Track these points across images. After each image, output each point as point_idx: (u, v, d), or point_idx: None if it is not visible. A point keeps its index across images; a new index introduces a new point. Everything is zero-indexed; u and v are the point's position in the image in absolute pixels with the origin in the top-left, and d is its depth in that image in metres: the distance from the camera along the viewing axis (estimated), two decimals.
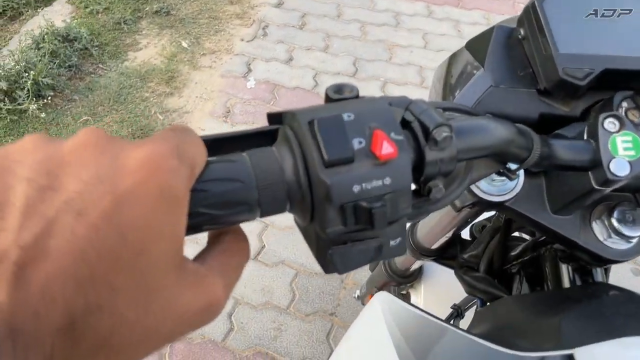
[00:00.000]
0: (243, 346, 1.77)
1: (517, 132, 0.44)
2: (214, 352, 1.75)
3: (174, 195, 0.27)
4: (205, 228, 0.34)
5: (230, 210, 0.33)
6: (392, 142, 0.33)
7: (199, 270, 0.30)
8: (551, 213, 0.55)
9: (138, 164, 0.27)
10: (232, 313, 1.85)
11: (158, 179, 0.27)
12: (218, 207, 0.32)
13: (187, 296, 0.28)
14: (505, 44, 0.57)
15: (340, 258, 0.35)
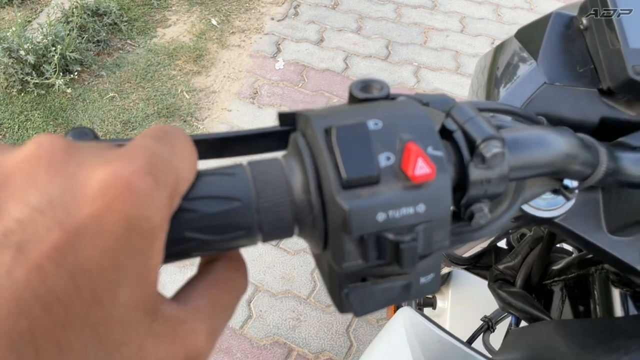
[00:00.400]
0: (261, 334, 1.73)
1: (581, 144, 0.37)
2: (232, 339, 1.72)
3: (145, 228, 0.21)
4: (194, 254, 0.27)
5: (224, 236, 0.27)
6: (429, 160, 0.26)
7: (177, 314, 0.24)
8: (607, 233, 0.48)
9: (100, 188, 0.21)
10: (252, 300, 1.82)
11: (125, 207, 0.21)
12: (209, 231, 0.26)
13: (159, 351, 0.23)
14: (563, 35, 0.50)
15: (358, 298, 0.29)
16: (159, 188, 0.22)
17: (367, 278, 0.29)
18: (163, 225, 0.23)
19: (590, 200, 0.49)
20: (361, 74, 2.65)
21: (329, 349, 1.71)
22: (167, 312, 0.24)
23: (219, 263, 0.29)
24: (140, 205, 0.21)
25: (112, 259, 0.20)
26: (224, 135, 0.34)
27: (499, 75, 0.56)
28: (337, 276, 0.28)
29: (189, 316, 0.25)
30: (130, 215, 0.21)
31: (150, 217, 0.22)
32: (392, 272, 0.29)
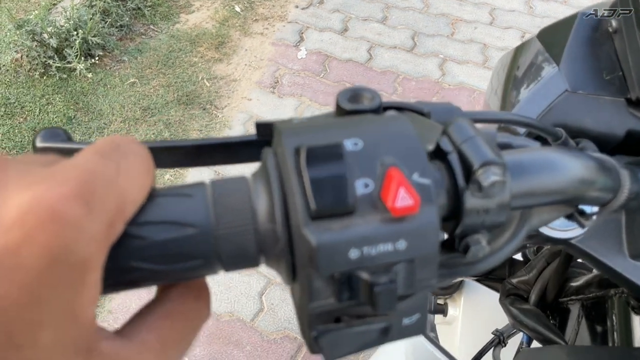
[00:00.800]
0: (272, 328, 1.72)
1: (599, 167, 0.32)
2: (242, 332, 1.70)
3: (74, 261, 0.19)
4: (143, 285, 0.24)
5: (176, 265, 0.23)
6: (413, 189, 0.22)
7: (118, 352, 0.21)
8: (629, 258, 0.43)
9: (18, 216, 0.18)
10: (264, 293, 1.79)
11: (47, 238, 0.18)
12: (160, 260, 0.23)
13: None
14: (590, 38, 0.46)
15: (329, 342, 0.25)
16: (93, 215, 0.19)
17: (341, 318, 0.25)
18: (97, 257, 0.20)
19: (612, 222, 0.44)
20: (385, 65, 2.60)
21: None
22: (106, 350, 0.21)
23: (175, 290, 0.25)
24: (67, 236, 0.18)
25: (31, 296, 0.18)
26: (200, 143, 0.32)
27: (518, 78, 0.52)
28: (307, 316, 0.25)
29: (134, 353, 0.22)
30: (54, 248, 0.18)
31: (80, 249, 0.19)
32: (369, 313, 0.25)
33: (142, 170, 0.23)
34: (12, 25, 2.37)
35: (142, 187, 0.23)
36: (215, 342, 1.67)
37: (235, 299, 1.77)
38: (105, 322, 1.71)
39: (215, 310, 1.74)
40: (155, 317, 0.24)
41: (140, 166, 0.23)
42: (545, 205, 0.31)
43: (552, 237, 0.43)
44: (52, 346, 0.19)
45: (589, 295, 0.60)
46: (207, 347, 1.66)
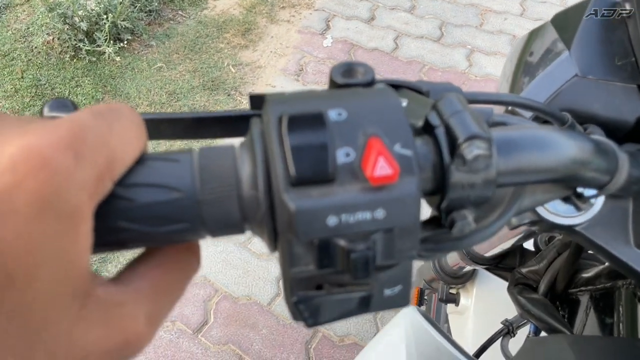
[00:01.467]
0: (288, 313, 1.73)
1: (594, 149, 0.32)
2: (258, 315, 1.72)
3: (65, 209, 0.20)
4: (131, 246, 0.25)
5: (162, 228, 0.24)
6: (393, 159, 0.22)
7: (113, 297, 0.23)
8: (635, 247, 0.42)
9: (10, 163, 0.19)
10: (280, 278, 1.81)
11: (37, 184, 0.19)
12: (147, 222, 0.24)
13: (92, 334, 0.21)
14: (602, 23, 0.45)
15: (309, 308, 0.26)
16: (82, 166, 0.20)
17: (322, 285, 0.26)
18: (86, 207, 0.21)
19: (619, 209, 0.43)
20: (411, 55, 2.57)
21: (355, 333, 1.69)
22: (102, 295, 0.22)
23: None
24: (57, 183, 0.19)
25: (26, 240, 0.19)
26: (197, 116, 0.32)
27: (529, 62, 0.51)
28: (288, 281, 0.25)
29: (128, 299, 0.23)
30: (44, 194, 0.19)
31: (70, 197, 0.20)
32: (349, 282, 0.25)
33: (133, 133, 0.24)
34: (44, 8, 2.42)
35: (132, 149, 0.24)
36: (232, 324, 1.70)
37: (253, 283, 1.80)
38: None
39: (233, 293, 1.77)
40: (148, 266, 0.25)
41: (132, 129, 0.24)
42: (536, 183, 0.31)
43: (556, 223, 0.43)
44: (50, 289, 0.20)
45: (598, 287, 0.59)
46: (224, 328, 1.68)
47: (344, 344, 1.66)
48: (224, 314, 1.72)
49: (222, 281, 1.79)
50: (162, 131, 0.33)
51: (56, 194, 0.19)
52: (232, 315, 1.72)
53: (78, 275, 0.21)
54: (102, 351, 0.22)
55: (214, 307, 1.74)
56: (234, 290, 1.78)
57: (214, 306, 1.74)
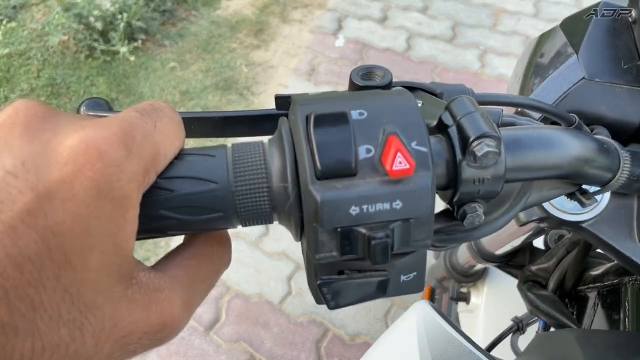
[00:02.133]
0: (298, 312, 1.74)
1: (597, 148, 0.34)
2: (269, 313, 1.73)
3: (116, 196, 0.22)
4: (170, 233, 0.28)
5: (199, 217, 0.27)
6: (410, 155, 0.25)
7: (153, 282, 0.25)
8: (639, 243, 0.44)
9: (70, 154, 0.22)
10: (292, 277, 1.82)
11: (94, 173, 0.22)
12: (185, 211, 0.27)
13: (133, 315, 0.24)
14: (610, 28, 0.47)
15: (332, 291, 0.28)
16: (132, 158, 0.23)
17: (343, 271, 0.28)
18: (134, 195, 0.23)
19: (624, 207, 0.45)
20: (423, 55, 2.57)
21: (365, 332, 1.69)
22: (144, 280, 0.24)
23: (201, 236, 0.29)
24: (110, 173, 0.22)
25: (83, 224, 0.21)
26: (226, 115, 0.35)
27: (538, 65, 0.53)
28: (313, 267, 0.28)
29: (166, 285, 0.26)
30: (100, 182, 0.22)
31: (121, 186, 0.22)
32: (369, 268, 0.28)
33: (174, 131, 0.27)
34: (60, 8, 2.45)
35: (173, 145, 0.27)
36: (244, 322, 1.71)
37: (265, 281, 1.81)
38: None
39: (245, 292, 1.78)
40: (184, 257, 0.28)
41: (173, 127, 0.27)
42: (543, 179, 0.33)
43: (563, 220, 0.45)
44: (100, 269, 0.22)
45: (605, 284, 0.60)
46: (236, 326, 1.69)
47: (355, 343, 1.66)
48: (236, 312, 1.73)
49: (233, 279, 1.81)
50: (193, 129, 0.36)
51: (109, 182, 0.22)
52: (243, 313, 1.73)
53: (124, 259, 0.23)
54: (141, 332, 0.24)
55: (226, 305, 1.75)
56: (245, 288, 1.79)
57: (225, 304, 1.75)
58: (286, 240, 1.88)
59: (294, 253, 1.87)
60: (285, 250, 1.87)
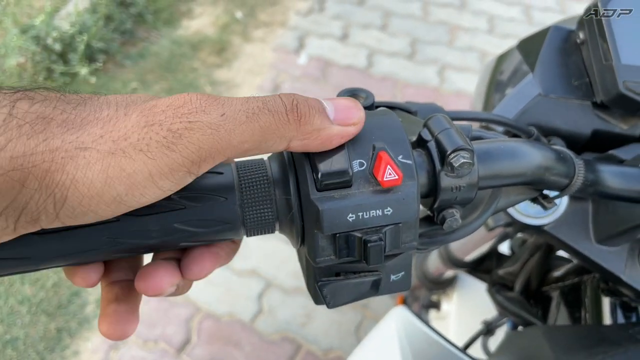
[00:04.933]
0: (271, 329, 1.73)
1: (555, 157, 0.38)
2: (241, 332, 1.72)
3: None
4: (182, 245, 0.31)
5: (209, 229, 0.30)
6: (397, 167, 0.28)
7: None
8: (595, 242, 0.49)
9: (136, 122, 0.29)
10: (262, 295, 1.81)
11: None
12: (197, 224, 0.30)
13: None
14: (561, 48, 0.51)
15: (331, 291, 0.32)
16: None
17: (340, 273, 0.31)
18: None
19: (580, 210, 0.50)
20: (384, 71, 2.63)
21: (338, 347, 1.70)
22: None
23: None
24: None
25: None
26: None
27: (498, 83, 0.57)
28: (312, 270, 0.31)
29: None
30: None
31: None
32: (363, 269, 0.31)
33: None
34: (17, 30, 2.41)
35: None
36: (216, 342, 1.69)
37: (235, 300, 1.80)
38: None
39: (215, 312, 1.76)
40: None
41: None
42: (510, 186, 0.36)
43: (527, 224, 0.49)
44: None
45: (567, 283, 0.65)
46: (208, 347, 1.68)
47: (328, 358, 1.67)
48: (207, 333, 1.71)
49: (203, 300, 1.79)
50: None
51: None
52: (215, 333, 1.71)
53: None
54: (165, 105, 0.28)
55: (197, 325, 1.73)
56: (216, 308, 1.77)
57: (196, 325, 1.73)
58: (255, 258, 1.87)
59: (264, 271, 1.87)
60: (254, 268, 1.86)
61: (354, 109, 0.29)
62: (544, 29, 0.53)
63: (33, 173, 0.23)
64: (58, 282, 1.80)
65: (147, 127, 0.25)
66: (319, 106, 0.28)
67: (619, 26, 0.45)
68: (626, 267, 0.48)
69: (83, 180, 0.24)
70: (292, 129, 0.27)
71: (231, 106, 0.26)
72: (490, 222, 0.53)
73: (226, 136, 0.26)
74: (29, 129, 0.24)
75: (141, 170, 0.25)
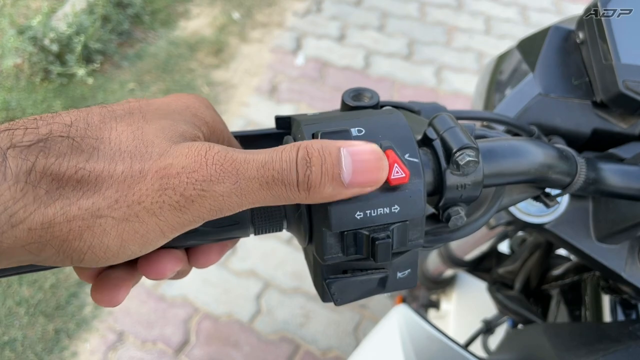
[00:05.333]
0: (269, 330, 1.73)
1: (558, 156, 0.38)
2: (240, 333, 1.72)
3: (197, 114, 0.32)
4: (191, 244, 0.32)
5: (220, 228, 0.31)
6: (405, 166, 0.28)
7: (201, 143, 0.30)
8: (595, 240, 0.49)
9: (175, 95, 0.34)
10: (261, 295, 1.81)
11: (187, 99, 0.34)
12: (208, 224, 0.30)
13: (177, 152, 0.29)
14: (561, 48, 0.52)
15: (338, 289, 0.32)
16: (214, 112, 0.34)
17: (347, 271, 0.32)
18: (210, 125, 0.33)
19: (581, 208, 0.50)
20: (381, 72, 2.64)
21: (336, 346, 1.70)
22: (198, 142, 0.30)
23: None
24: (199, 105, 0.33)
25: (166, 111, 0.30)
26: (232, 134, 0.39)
27: (499, 82, 0.57)
28: (320, 268, 0.31)
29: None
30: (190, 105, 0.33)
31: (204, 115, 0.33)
32: (370, 267, 0.31)
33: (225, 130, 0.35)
34: (14, 31, 2.40)
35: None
36: (214, 342, 1.69)
37: (233, 301, 1.80)
38: (105, 322, 1.72)
39: (214, 312, 1.76)
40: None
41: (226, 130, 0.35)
42: (514, 184, 0.37)
43: (528, 222, 0.49)
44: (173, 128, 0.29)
45: (566, 281, 0.65)
46: (206, 347, 1.68)
47: (327, 358, 1.67)
48: (205, 333, 1.71)
49: (202, 300, 1.79)
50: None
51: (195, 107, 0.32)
52: (213, 334, 1.71)
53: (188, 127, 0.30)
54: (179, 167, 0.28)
55: (195, 326, 1.73)
56: (214, 309, 1.77)
57: (195, 325, 1.73)
58: (253, 259, 1.87)
59: (262, 271, 1.87)
60: (252, 269, 1.86)
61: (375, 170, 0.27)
62: (544, 28, 0.54)
63: (51, 243, 0.25)
64: (56, 283, 1.80)
65: (161, 191, 0.26)
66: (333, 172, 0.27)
67: (618, 26, 0.45)
68: (626, 265, 0.48)
69: (100, 246, 0.26)
70: (302, 198, 0.27)
71: (246, 172, 0.27)
72: (492, 220, 0.53)
73: (238, 201, 0.27)
74: (45, 197, 0.24)
75: (153, 230, 0.26)
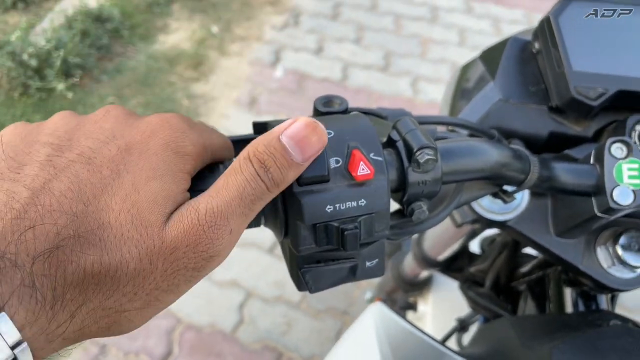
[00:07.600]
0: (252, 339, 1.75)
1: (512, 155, 0.42)
2: (223, 343, 1.73)
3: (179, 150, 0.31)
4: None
5: None
6: (370, 163, 0.32)
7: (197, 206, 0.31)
8: (554, 235, 0.53)
9: (149, 125, 0.32)
10: (243, 305, 1.83)
11: (164, 135, 0.31)
12: None
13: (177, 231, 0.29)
14: (519, 57, 0.56)
15: (312, 277, 0.35)
16: (194, 130, 0.33)
17: (320, 261, 0.34)
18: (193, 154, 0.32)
19: (541, 206, 0.54)
20: (359, 83, 2.69)
21: (319, 353, 1.72)
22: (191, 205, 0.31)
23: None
24: (177, 136, 0.31)
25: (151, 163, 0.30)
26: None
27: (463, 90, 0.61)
28: (295, 259, 0.34)
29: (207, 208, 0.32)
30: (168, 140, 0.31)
31: (184, 146, 0.31)
32: (341, 256, 0.34)
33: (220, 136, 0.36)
34: None
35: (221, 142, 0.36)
36: (198, 353, 1.70)
37: (216, 311, 1.81)
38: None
39: (197, 323, 1.77)
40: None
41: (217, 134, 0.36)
42: (472, 180, 0.40)
43: (491, 220, 0.52)
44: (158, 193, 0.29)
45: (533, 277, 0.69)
46: (189, 358, 1.68)
47: None
48: (189, 344, 1.72)
49: (185, 311, 1.80)
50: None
51: (175, 141, 0.31)
52: (196, 344, 1.72)
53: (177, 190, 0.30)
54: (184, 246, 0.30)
55: (178, 337, 1.74)
56: (197, 319, 1.78)
57: (177, 337, 1.74)
58: (235, 269, 1.89)
59: (244, 281, 1.88)
60: (235, 279, 1.88)
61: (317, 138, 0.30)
62: (503, 40, 0.58)
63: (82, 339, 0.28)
64: None
65: (175, 273, 0.29)
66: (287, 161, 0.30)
67: (569, 36, 0.49)
68: (583, 258, 0.52)
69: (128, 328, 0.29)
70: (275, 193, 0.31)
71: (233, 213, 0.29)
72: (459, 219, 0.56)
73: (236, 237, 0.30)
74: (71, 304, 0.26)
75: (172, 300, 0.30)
